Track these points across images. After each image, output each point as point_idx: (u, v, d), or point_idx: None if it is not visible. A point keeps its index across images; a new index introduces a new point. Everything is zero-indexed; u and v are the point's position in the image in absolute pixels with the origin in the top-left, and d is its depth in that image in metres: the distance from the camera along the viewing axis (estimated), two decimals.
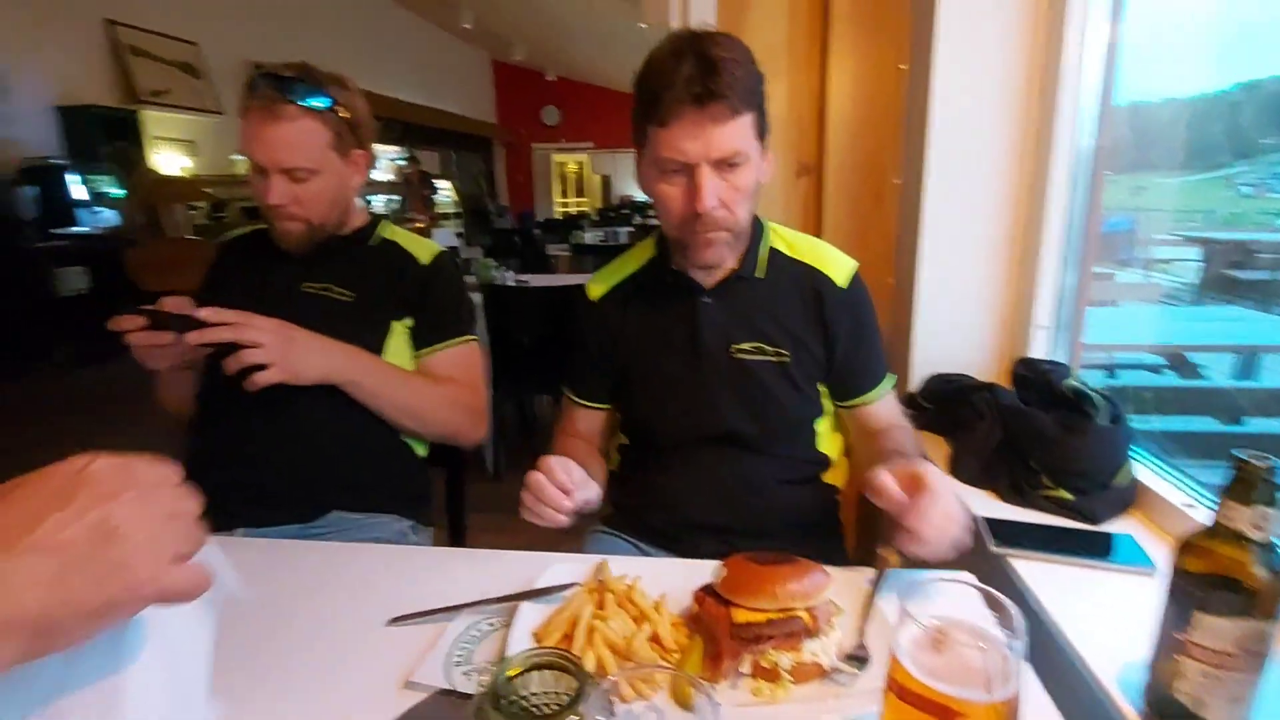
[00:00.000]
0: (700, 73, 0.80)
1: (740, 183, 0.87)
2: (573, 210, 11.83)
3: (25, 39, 4.53)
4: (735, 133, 0.83)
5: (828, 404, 1.01)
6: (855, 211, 1.54)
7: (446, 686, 0.61)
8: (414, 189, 7.09)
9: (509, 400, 3.11)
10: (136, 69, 5.29)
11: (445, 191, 8.39)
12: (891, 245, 1.44)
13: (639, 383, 1.01)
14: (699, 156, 0.83)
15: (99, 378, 3.82)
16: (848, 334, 0.97)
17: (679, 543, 0.97)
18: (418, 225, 5.51)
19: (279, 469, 1.05)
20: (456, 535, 1.28)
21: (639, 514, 1.02)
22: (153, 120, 5.44)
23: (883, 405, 1.00)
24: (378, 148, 1.20)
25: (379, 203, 7.06)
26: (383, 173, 7.66)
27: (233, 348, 0.92)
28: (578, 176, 12.75)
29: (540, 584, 0.73)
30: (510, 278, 3.24)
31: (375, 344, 1.11)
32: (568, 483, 0.76)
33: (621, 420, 1.08)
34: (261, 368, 0.92)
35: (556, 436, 1.08)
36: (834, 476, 1.05)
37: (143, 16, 5.32)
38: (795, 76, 1.54)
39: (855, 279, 0.99)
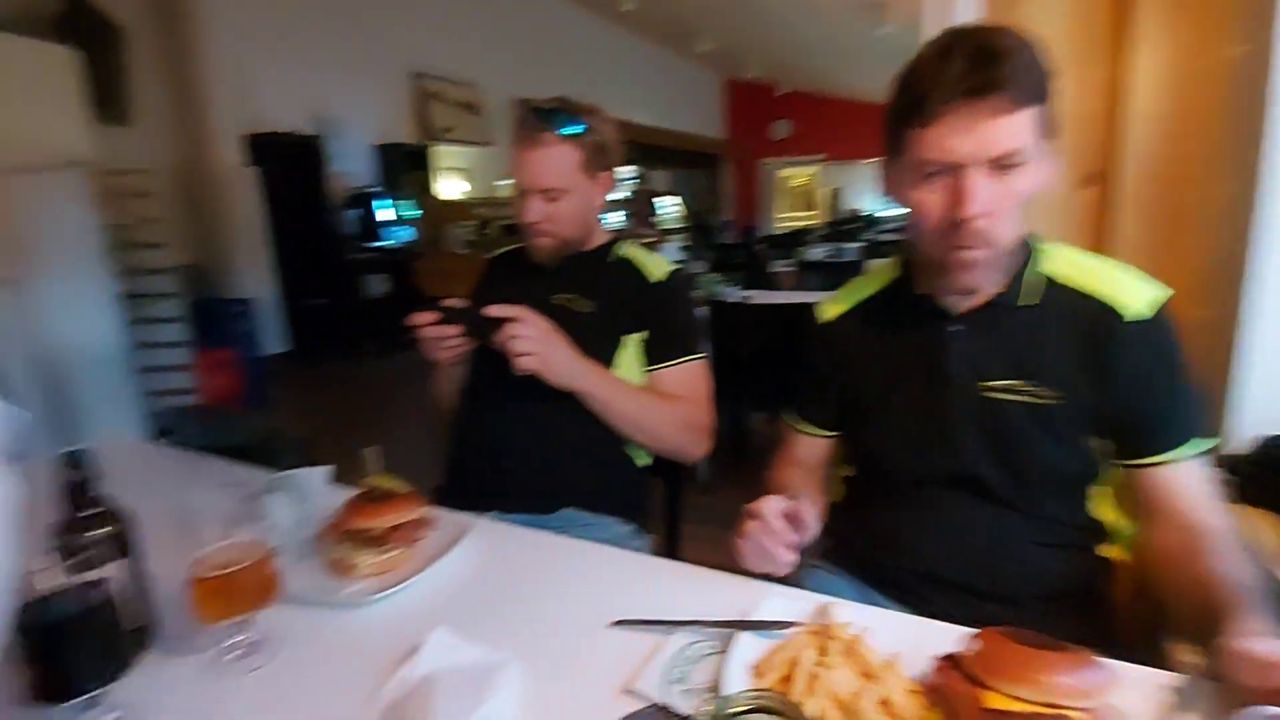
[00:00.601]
0: (976, 64, 0.71)
1: (1016, 187, 0.76)
2: (797, 224, 11.60)
3: (355, 92, 5.66)
4: (1016, 128, 0.73)
5: (1107, 463, 0.84)
6: (1153, 227, 1.28)
7: (663, 702, 0.61)
8: (638, 206, 7.55)
9: (723, 415, 3.12)
10: (432, 111, 6.35)
11: (672, 207, 8.77)
12: (1200, 269, 1.17)
13: (871, 413, 0.94)
14: (970, 156, 0.74)
15: (393, 368, 4.63)
16: (1138, 378, 0.80)
17: (909, 594, 0.88)
18: (646, 240, 5.83)
19: (522, 462, 1.17)
20: (672, 544, 1.31)
21: (864, 554, 0.95)
22: (440, 153, 6.49)
23: (1185, 475, 0.80)
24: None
25: (609, 220, 7.61)
26: (614, 192, 8.24)
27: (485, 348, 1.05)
28: (805, 190, 12.50)
29: (758, 615, 0.71)
30: (736, 293, 3.26)
31: (608, 355, 1.19)
32: (787, 533, 0.75)
33: (849, 451, 1.01)
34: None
35: (775, 464, 1.06)
36: (1112, 549, 0.87)
37: (438, 65, 6.37)
38: (1080, 70, 1.33)
39: (1161, 311, 0.81)
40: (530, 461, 1.17)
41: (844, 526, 1.01)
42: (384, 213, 5.70)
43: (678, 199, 9.31)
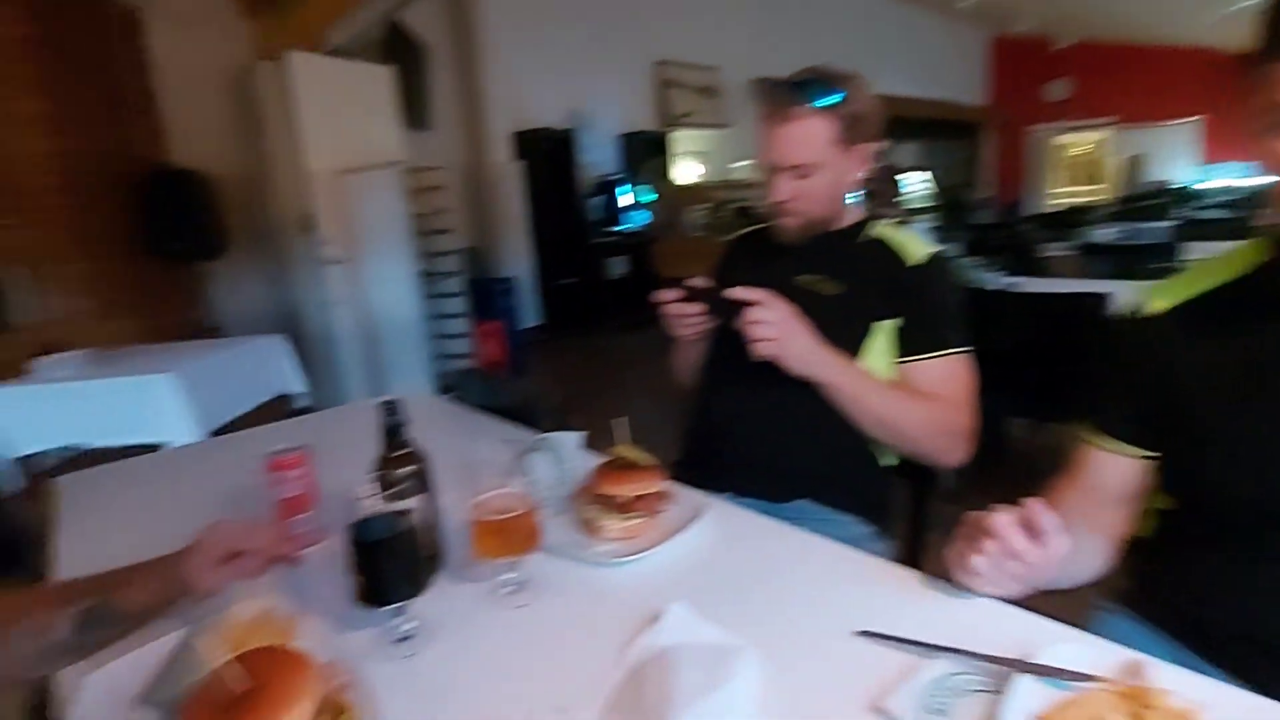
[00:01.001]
0: None
1: None
2: (1076, 200, 9.84)
3: (604, 85, 6.06)
4: None
5: None
6: None
7: None
8: (880, 184, 6.98)
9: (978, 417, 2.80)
10: (671, 97, 6.55)
11: (920, 184, 8.02)
12: None
13: (1211, 432, 0.74)
14: None
15: (632, 343, 4.93)
16: None
17: (1247, 667, 0.69)
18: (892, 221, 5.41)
19: (758, 446, 1.15)
20: (914, 554, 1.19)
21: (1184, 607, 0.77)
22: (678, 139, 6.68)
23: None
24: None
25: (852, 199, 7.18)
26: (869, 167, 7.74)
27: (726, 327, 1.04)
28: (1088, 159, 10.55)
29: (1044, 660, 0.60)
30: (998, 280, 2.88)
31: (855, 342, 1.11)
32: (1028, 550, 0.66)
33: (1167, 477, 0.81)
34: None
35: (1055, 486, 0.87)
36: None
37: (677, 52, 6.54)
38: None
39: None
40: (766, 447, 1.14)
41: (1152, 568, 0.82)
42: (624, 198, 6.05)
43: (926, 174, 8.49)
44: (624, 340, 5.30)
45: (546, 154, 5.50)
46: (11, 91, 3.09)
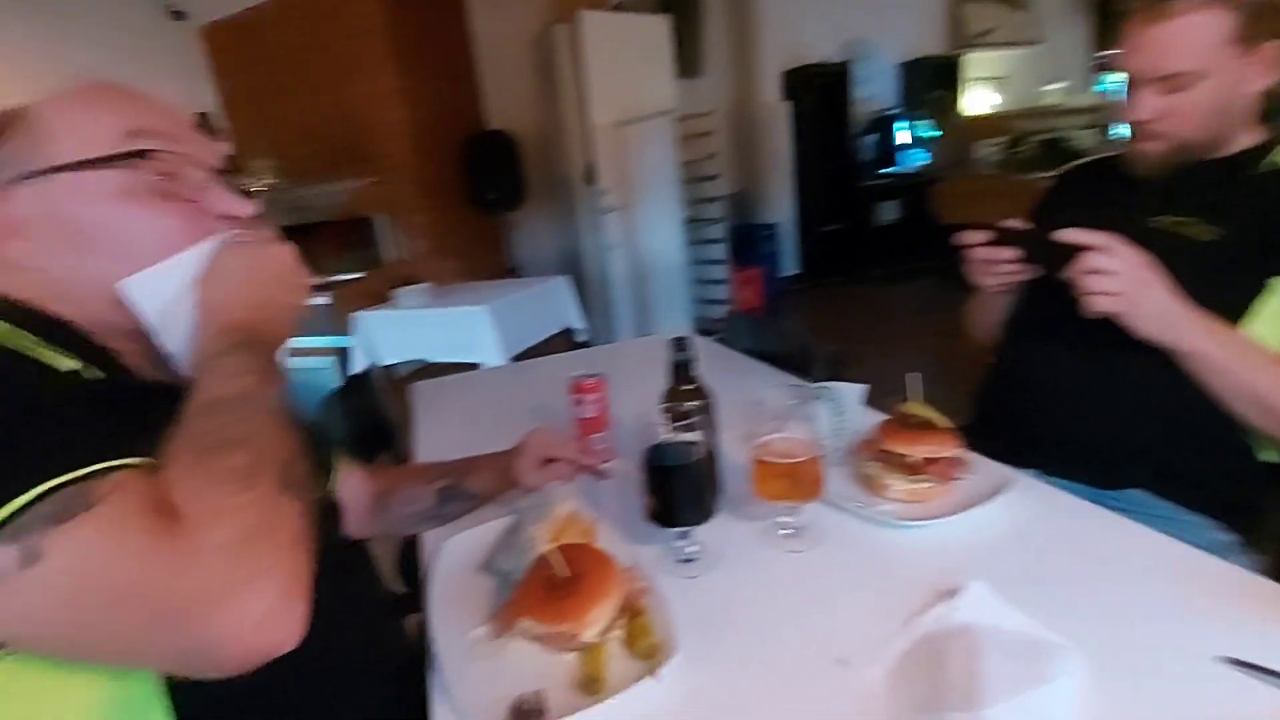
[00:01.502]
0: None
1: None
2: None
3: (885, 8, 5.44)
4: None
5: None
6: None
7: None
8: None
9: None
10: (966, 14, 5.69)
11: None
12: None
13: None
14: None
15: (903, 295, 4.58)
16: None
17: None
18: None
19: (1082, 419, 0.97)
20: None
21: None
22: (971, 62, 5.80)
23: None
24: None
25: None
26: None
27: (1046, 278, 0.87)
28: None
29: None
30: None
31: (1237, 301, 0.86)
32: None
33: None
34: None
35: None
36: None
37: None
38: None
39: None
40: (1093, 420, 0.96)
41: None
42: (902, 135, 5.49)
43: None
44: (891, 291, 4.92)
45: (818, 91, 5.18)
46: (375, 71, 3.85)
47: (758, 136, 5.29)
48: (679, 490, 0.75)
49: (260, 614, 0.39)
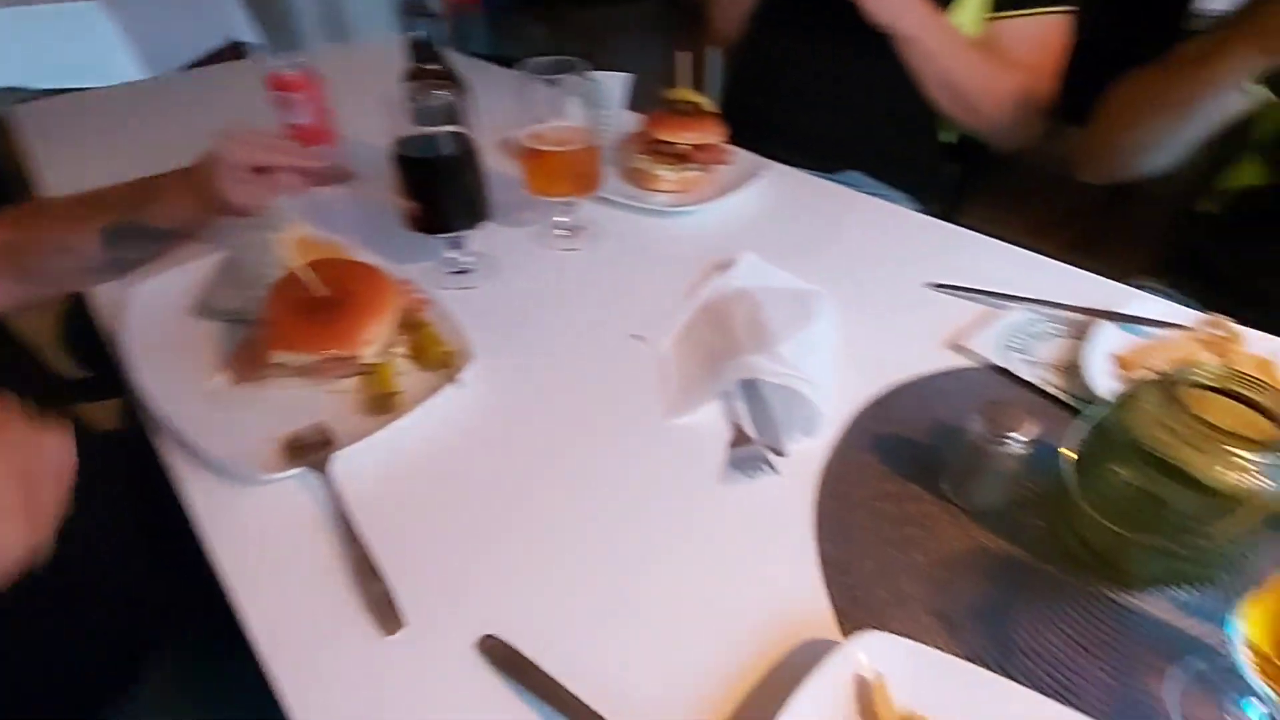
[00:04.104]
0: None
1: None
2: None
3: None
4: None
5: None
6: None
7: (1000, 364, 0.57)
8: None
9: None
10: None
11: None
12: None
13: None
14: None
15: (616, 18, 4.28)
16: None
17: None
18: None
19: (814, 111, 1.03)
20: None
21: (1242, 280, 0.77)
22: None
23: None
24: None
25: None
26: None
27: None
28: None
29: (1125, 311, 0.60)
30: None
31: None
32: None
33: None
34: None
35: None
36: None
37: None
38: None
39: None
40: (823, 111, 1.03)
41: (1212, 242, 0.82)
42: None
43: None
44: (601, 14, 4.59)
45: None
46: None
47: None
48: (444, 188, 0.64)
49: None
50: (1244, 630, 0.33)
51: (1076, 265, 0.71)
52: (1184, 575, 0.39)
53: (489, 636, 0.40)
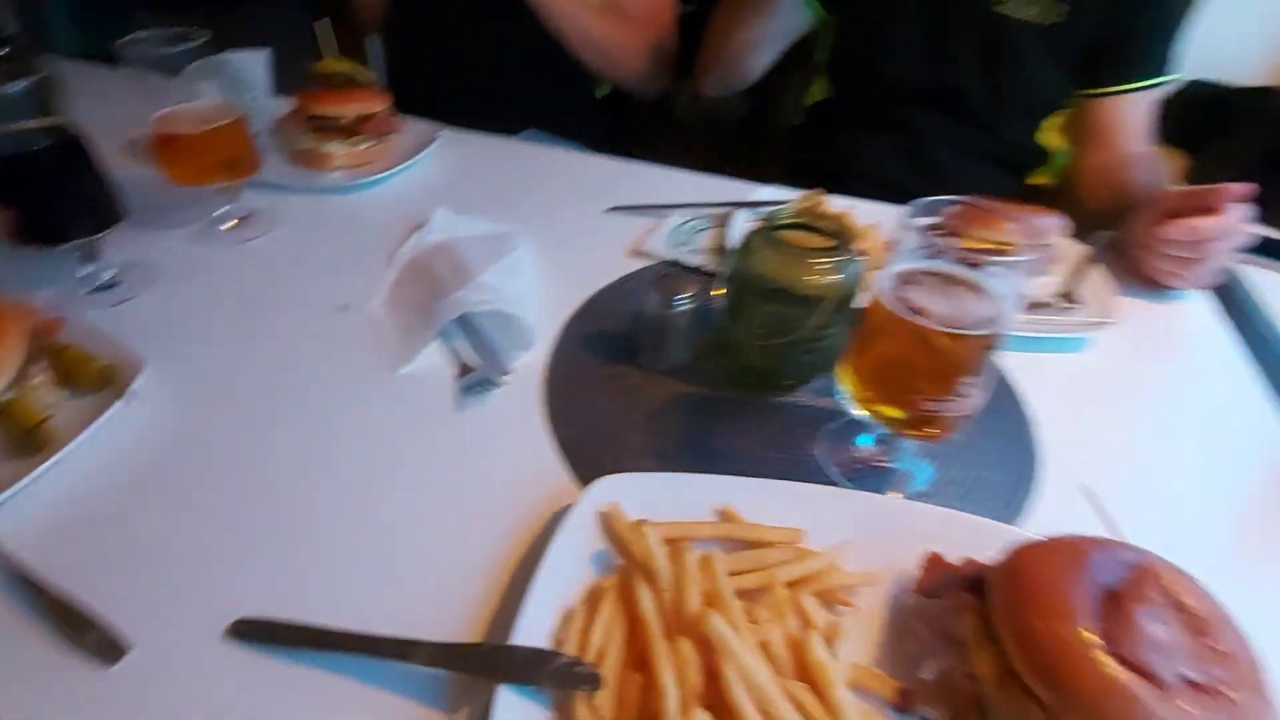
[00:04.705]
0: None
1: None
2: None
3: None
4: None
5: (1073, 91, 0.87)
6: None
7: (673, 258, 0.68)
8: None
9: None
10: None
11: None
12: None
13: (870, 12, 0.89)
14: None
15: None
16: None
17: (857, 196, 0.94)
18: None
19: (483, 78, 1.07)
20: None
21: (822, 168, 0.99)
22: None
23: (1133, 107, 0.84)
24: None
25: None
26: None
27: None
28: None
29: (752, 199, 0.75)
30: None
31: None
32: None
33: (833, 56, 0.97)
34: None
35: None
36: (1042, 176, 0.96)
37: None
38: None
39: None
40: (484, 73, 1.07)
41: (803, 148, 1.04)
42: None
43: None
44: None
45: None
46: None
47: None
48: (47, 189, 0.55)
49: None
50: (844, 387, 0.45)
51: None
52: (813, 368, 0.52)
53: (240, 620, 0.37)
